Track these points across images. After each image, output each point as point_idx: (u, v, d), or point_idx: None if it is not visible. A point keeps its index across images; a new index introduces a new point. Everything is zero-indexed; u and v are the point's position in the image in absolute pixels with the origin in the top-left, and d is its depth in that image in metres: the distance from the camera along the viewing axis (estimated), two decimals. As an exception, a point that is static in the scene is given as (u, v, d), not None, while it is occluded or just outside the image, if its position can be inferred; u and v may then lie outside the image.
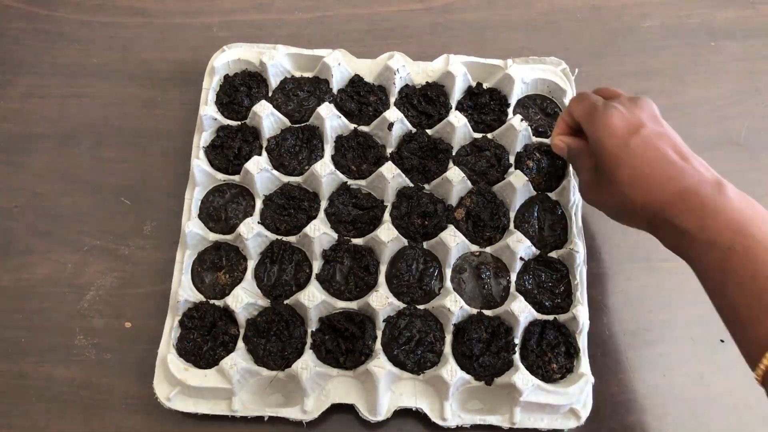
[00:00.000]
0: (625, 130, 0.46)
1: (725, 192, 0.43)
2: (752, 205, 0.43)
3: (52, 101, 0.65)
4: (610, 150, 0.46)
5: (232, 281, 0.56)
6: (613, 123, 0.47)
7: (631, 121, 0.47)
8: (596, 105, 0.49)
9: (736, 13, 0.69)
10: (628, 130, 0.46)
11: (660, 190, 0.44)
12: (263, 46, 0.63)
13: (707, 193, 0.43)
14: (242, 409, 0.51)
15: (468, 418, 0.51)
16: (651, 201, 0.44)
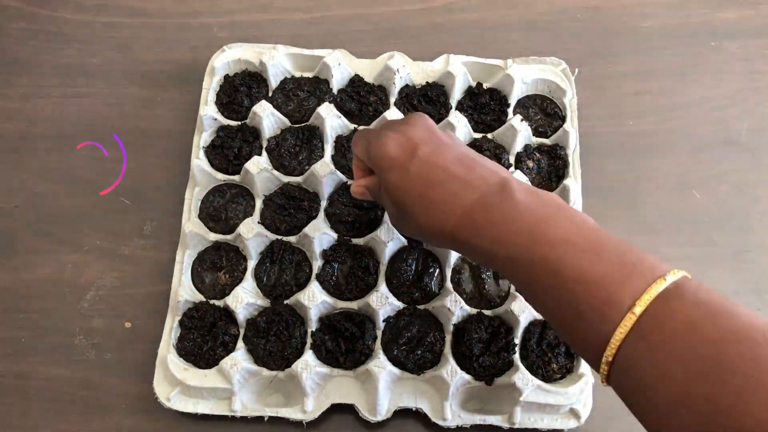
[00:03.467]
0: (402, 157, 0.42)
1: (511, 194, 0.40)
2: (542, 203, 0.40)
3: (52, 101, 0.65)
4: (394, 182, 0.42)
5: (232, 281, 0.56)
6: (387, 153, 0.43)
7: (406, 144, 0.43)
8: (369, 138, 0.45)
9: (736, 13, 0.69)
10: (404, 155, 0.42)
11: (449, 212, 0.41)
12: (263, 46, 0.63)
13: (493, 203, 0.40)
14: (242, 409, 0.51)
15: (468, 418, 0.51)
16: (443, 226, 0.41)
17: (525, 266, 0.38)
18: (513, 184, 0.40)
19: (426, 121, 0.45)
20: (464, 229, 0.40)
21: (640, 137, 0.64)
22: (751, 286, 0.58)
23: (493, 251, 0.39)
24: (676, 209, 0.61)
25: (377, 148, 0.44)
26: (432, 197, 0.41)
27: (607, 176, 0.62)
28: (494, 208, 0.40)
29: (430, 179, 0.41)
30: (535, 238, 0.38)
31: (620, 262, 0.36)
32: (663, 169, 0.62)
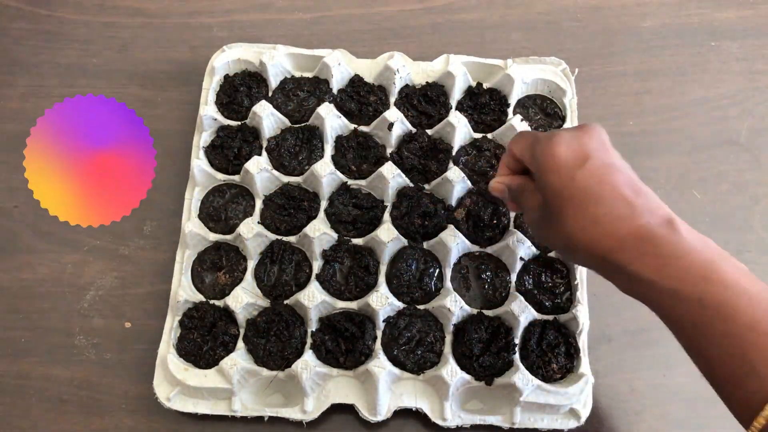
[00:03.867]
0: (570, 162, 0.41)
1: (679, 231, 0.39)
2: (707, 244, 0.39)
3: (52, 101, 0.65)
4: (555, 186, 0.41)
5: (232, 281, 0.56)
6: (557, 154, 0.41)
7: (578, 151, 0.41)
8: (538, 137, 0.44)
9: (736, 13, 0.69)
10: (574, 162, 0.41)
11: (609, 232, 0.39)
12: (263, 46, 0.63)
13: (661, 234, 0.38)
14: (242, 410, 0.51)
15: (468, 418, 0.51)
16: (599, 244, 0.40)
17: (692, 304, 0.37)
18: (679, 222, 0.39)
19: (601, 134, 0.43)
20: (624, 254, 0.39)
21: (640, 137, 0.64)
22: (751, 286, 0.58)
23: (654, 282, 0.38)
24: (676, 209, 0.60)
25: (547, 147, 0.42)
26: (593, 212, 0.40)
27: (607, 176, 0.62)
28: (662, 240, 0.38)
29: (596, 193, 0.40)
30: (707, 276, 0.37)
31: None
32: (663, 169, 0.62)
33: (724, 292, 0.36)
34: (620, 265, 0.39)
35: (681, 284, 0.37)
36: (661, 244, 0.38)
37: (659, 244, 0.38)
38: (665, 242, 0.38)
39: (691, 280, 0.37)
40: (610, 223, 0.39)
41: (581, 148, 0.42)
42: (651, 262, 0.38)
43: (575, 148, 0.41)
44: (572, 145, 0.42)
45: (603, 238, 0.39)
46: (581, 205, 0.40)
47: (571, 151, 0.41)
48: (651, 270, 0.38)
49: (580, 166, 0.41)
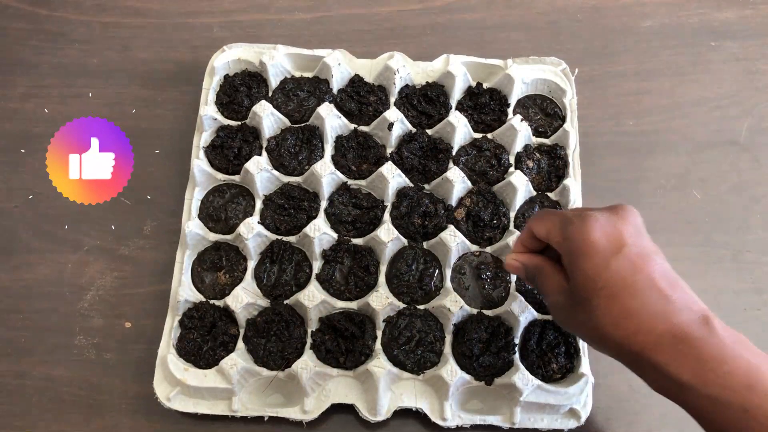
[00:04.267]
0: (606, 248, 0.39)
1: (716, 330, 0.37)
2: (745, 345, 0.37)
3: (52, 101, 0.65)
4: (588, 272, 0.39)
5: (232, 281, 0.56)
6: (592, 239, 0.39)
7: (613, 236, 0.39)
8: (568, 217, 0.42)
9: (736, 13, 0.69)
10: (609, 248, 0.39)
11: (645, 328, 0.38)
12: (263, 46, 0.63)
13: (700, 336, 0.37)
14: (242, 409, 0.51)
15: (468, 418, 0.51)
16: (633, 340, 0.38)
17: (736, 413, 0.35)
18: (716, 320, 0.38)
19: (637, 218, 0.41)
20: (661, 353, 0.37)
21: (640, 137, 0.64)
22: (751, 286, 0.58)
23: (694, 387, 0.36)
24: (676, 209, 0.61)
25: (581, 229, 0.40)
26: (628, 305, 0.38)
27: (607, 176, 0.62)
28: (702, 342, 0.36)
29: (631, 284, 0.38)
30: (751, 384, 0.35)
31: None
32: (663, 169, 0.62)
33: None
34: (656, 365, 0.37)
35: (723, 391, 0.36)
36: (700, 346, 0.37)
37: (698, 346, 0.37)
38: (705, 344, 0.37)
39: (734, 387, 0.35)
40: (646, 318, 0.38)
41: (617, 234, 0.39)
42: (690, 365, 0.36)
43: (610, 233, 0.39)
44: (607, 230, 0.40)
45: (637, 334, 0.38)
46: (615, 296, 0.38)
47: (606, 236, 0.39)
48: (690, 374, 0.36)
49: (615, 253, 0.39)
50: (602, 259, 0.39)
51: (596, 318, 0.39)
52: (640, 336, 0.38)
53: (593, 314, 0.39)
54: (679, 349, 0.37)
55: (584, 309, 0.39)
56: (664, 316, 0.37)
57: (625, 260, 0.39)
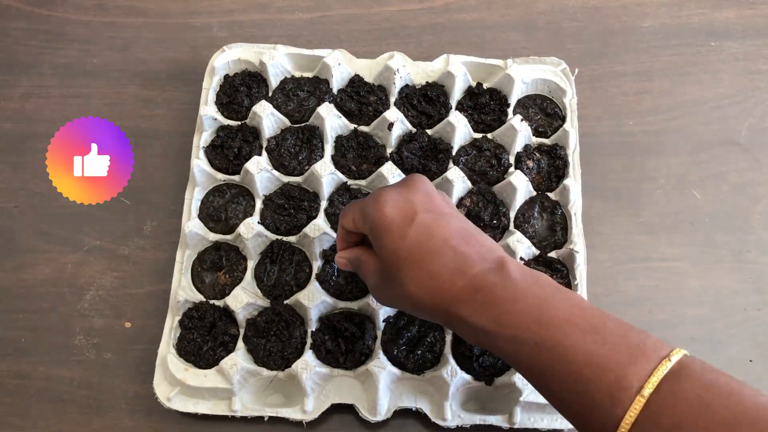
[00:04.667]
0: (400, 221, 0.41)
1: (509, 274, 0.39)
2: (538, 281, 0.39)
3: (52, 101, 0.65)
4: (389, 247, 0.41)
5: (232, 281, 0.56)
6: (385, 215, 0.41)
7: (405, 208, 0.41)
8: (365, 201, 0.43)
9: (736, 13, 0.69)
10: (403, 219, 0.41)
11: (446, 287, 0.39)
12: (263, 46, 0.63)
13: (495, 282, 0.39)
14: (242, 409, 0.51)
15: (468, 418, 0.51)
16: (440, 299, 0.40)
17: (529, 348, 0.37)
18: (510, 264, 0.40)
19: (426, 185, 0.43)
20: (463, 306, 0.39)
21: (640, 137, 0.64)
22: (751, 286, 0.58)
23: (493, 331, 0.38)
24: (676, 209, 0.61)
25: (375, 209, 0.42)
26: (429, 268, 0.40)
27: (607, 176, 0.62)
28: (495, 288, 0.39)
29: (429, 249, 0.40)
30: (538, 318, 0.37)
31: (625, 344, 0.36)
32: (663, 169, 0.62)
33: (555, 333, 0.37)
34: (460, 318, 0.39)
35: (517, 330, 0.38)
36: (494, 292, 0.39)
37: (493, 292, 0.39)
38: (499, 289, 0.39)
39: (525, 324, 0.37)
40: (446, 277, 0.40)
41: (408, 204, 0.42)
42: (487, 312, 0.38)
43: (402, 206, 0.41)
44: (399, 203, 0.42)
45: (442, 293, 0.40)
46: (417, 263, 0.40)
47: (398, 209, 0.41)
48: (488, 320, 0.38)
49: (409, 223, 0.41)
50: (399, 232, 0.41)
51: (406, 287, 0.41)
52: (444, 295, 0.40)
53: (403, 284, 0.41)
54: (477, 298, 0.39)
55: (395, 281, 0.41)
56: (461, 271, 0.39)
57: (419, 228, 0.41)
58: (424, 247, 0.40)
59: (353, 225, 0.45)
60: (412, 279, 0.40)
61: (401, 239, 0.41)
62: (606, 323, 0.37)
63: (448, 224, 0.41)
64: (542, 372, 0.38)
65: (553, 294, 0.39)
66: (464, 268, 0.40)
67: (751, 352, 0.55)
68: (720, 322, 0.56)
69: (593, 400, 0.35)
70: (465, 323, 0.39)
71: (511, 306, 0.38)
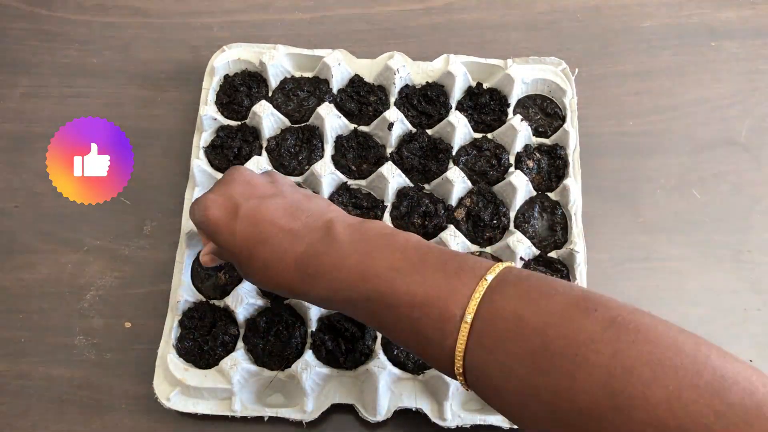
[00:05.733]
0: (225, 218, 0.41)
1: (336, 237, 0.39)
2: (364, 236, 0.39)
3: (52, 101, 0.65)
4: (225, 246, 0.42)
5: (232, 281, 0.56)
6: (210, 217, 0.42)
7: (227, 204, 0.42)
8: (191, 209, 0.44)
9: (736, 13, 0.69)
10: (228, 216, 0.41)
11: (282, 269, 0.40)
12: (263, 46, 0.63)
13: (323, 251, 0.39)
14: (242, 410, 0.51)
15: (468, 418, 0.51)
16: (281, 282, 0.40)
17: (362, 304, 0.38)
18: (336, 226, 0.40)
19: (243, 174, 0.44)
20: (300, 283, 0.39)
21: (640, 137, 0.64)
22: (750, 286, 0.58)
23: (331, 298, 0.39)
24: (676, 209, 0.61)
25: (200, 215, 0.42)
26: (263, 255, 0.40)
27: (607, 176, 0.62)
28: (322, 256, 0.39)
29: (258, 237, 0.40)
30: (363, 274, 0.37)
31: (444, 275, 0.36)
32: (663, 169, 0.62)
33: (380, 284, 0.37)
34: (304, 293, 0.40)
35: (348, 292, 0.38)
36: (321, 259, 0.39)
37: (320, 260, 0.39)
38: (326, 257, 0.39)
39: (353, 285, 0.38)
40: (280, 259, 0.40)
41: (228, 200, 0.42)
42: (320, 282, 0.39)
43: (223, 202, 0.42)
44: (219, 201, 0.42)
45: (279, 276, 0.40)
46: (251, 255, 0.40)
47: (221, 207, 0.42)
48: (323, 289, 0.39)
49: (234, 217, 0.41)
50: (228, 229, 0.41)
51: (252, 276, 0.42)
52: (282, 276, 0.40)
53: (249, 274, 0.42)
54: (309, 272, 0.39)
55: (244, 272, 0.42)
56: (292, 251, 0.40)
57: (244, 219, 0.41)
58: (253, 237, 0.40)
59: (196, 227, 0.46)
60: (253, 270, 0.41)
61: (231, 236, 0.41)
62: (427, 260, 0.37)
63: (271, 205, 0.41)
64: (381, 323, 0.38)
65: (378, 244, 0.39)
66: (293, 246, 0.40)
67: (751, 352, 0.55)
68: (720, 322, 0.56)
69: (427, 338, 0.36)
70: (308, 298, 0.40)
71: (338, 270, 0.38)
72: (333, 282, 0.38)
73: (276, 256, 0.40)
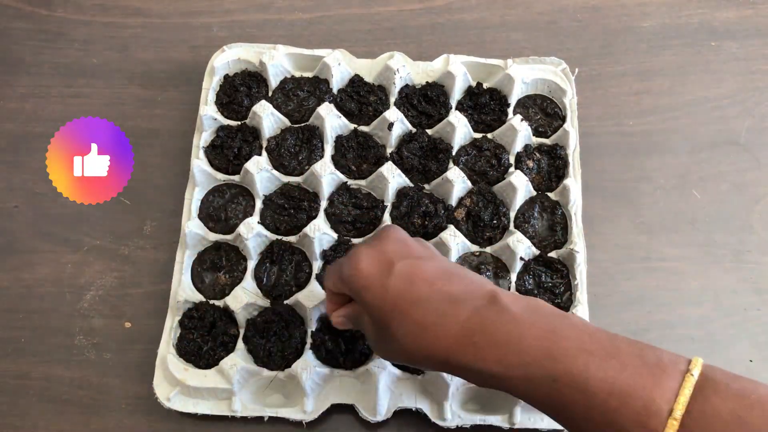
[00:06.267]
0: (378, 275, 0.39)
1: (505, 308, 0.37)
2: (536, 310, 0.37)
3: (52, 101, 0.65)
4: (373, 303, 0.39)
5: (232, 281, 0.56)
6: (362, 271, 0.39)
7: (380, 260, 0.40)
8: (341, 262, 0.42)
9: (736, 13, 0.69)
10: (381, 272, 0.39)
11: (440, 334, 0.37)
12: (263, 46, 0.63)
13: (491, 320, 0.36)
14: (242, 410, 0.51)
15: (468, 418, 0.51)
16: (436, 349, 0.37)
17: (546, 385, 0.35)
18: (503, 296, 0.37)
19: (398, 233, 0.42)
20: (463, 353, 0.37)
21: (640, 137, 0.64)
22: (750, 286, 0.58)
23: (503, 374, 0.36)
24: (676, 209, 0.61)
25: (350, 268, 0.40)
26: (417, 317, 0.38)
27: (607, 176, 0.62)
28: (493, 326, 0.36)
29: (413, 296, 0.38)
30: (549, 352, 0.35)
31: (643, 365, 0.34)
32: (663, 169, 0.62)
33: (572, 366, 0.34)
34: (464, 366, 0.37)
35: (529, 369, 0.35)
36: (493, 331, 0.36)
37: (491, 331, 0.36)
38: (497, 328, 0.36)
39: (536, 362, 0.35)
40: (438, 324, 0.37)
41: (383, 256, 0.40)
42: (491, 354, 0.36)
43: (376, 258, 0.40)
44: (373, 256, 0.40)
45: (436, 342, 0.37)
46: (404, 314, 0.38)
47: (374, 262, 0.40)
48: (495, 363, 0.36)
49: (387, 274, 0.39)
50: (379, 286, 0.39)
51: (399, 341, 0.38)
52: (439, 344, 0.37)
53: (395, 338, 0.39)
54: (476, 342, 0.36)
55: (388, 337, 0.39)
56: (453, 314, 0.37)
57: (399, 276, 0.39)
58: (408, 295, 0.38)
59: (335, 287, 0.44)
60: (403, 333, 0.38)
61: (383, 292, 0.39)
62: (619, 345, 0.35)
63: (428, 267, 0.39)
64: (565, 408, 0.35)
65: (559, 322, 0.36)
66: (455, 310, 0.37)
67: (751, 352, 0.55)
68: (720, 322, 0.56)
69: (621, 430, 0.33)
70: (470, 370, 0.37)
71: (517, 344, 0.36)
72: (509, 356, 0.36)
73: (433, 319, 0.37)
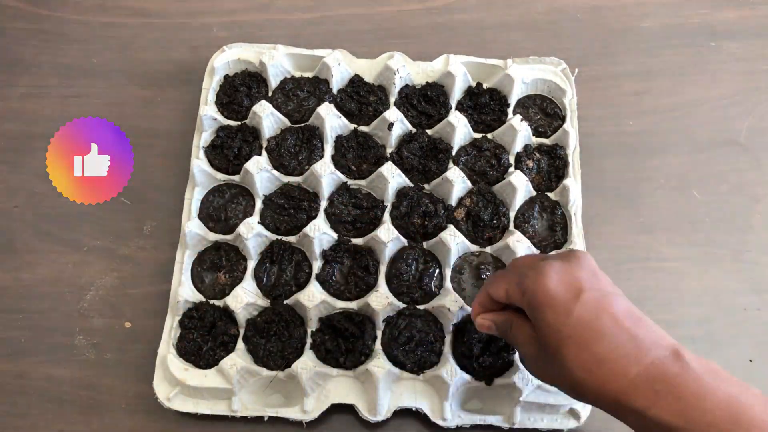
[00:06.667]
0: (565, 296, 0.38)
1: (689, 364, 0.36)
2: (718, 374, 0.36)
3: (52, 101, 0.65)
4: (551, 323, 0.38)
5: (232, 281, 0.56)
6: (549, 288, 0.39)
7: (570, 283, 0.39)
8: (523, 272, 0.41)
9: (736, 13, 0.69)
10: (568, 295, 0.38)
11: (618, 372, 0.36)
12: (263, 46, 0.63)
13: (675, 373, 0.36)
14: (242, 409, 0.51)
15: (468, 418, 0.51)
16: (609, 387, 0.37)
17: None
18: (686, 352, 0.37)
19: (590, 261, 0.41)
20: (639, 397, 0.36)
21: (640, 137, 0.64)
22: (750, 286, 0.58)
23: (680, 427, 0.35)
24: (676, 209, 0.61)
25: (536, 282, 0.39)
26: (597, 350, 0.37)
27: (607, 176, 0.62)
28: (678, 379, 0.35)
29: (597, 328, 0.37)
30: (736, 417, 0.34)
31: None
32: (663, 169, 0.62)
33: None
34: (636, 410, 0.36)
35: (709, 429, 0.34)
36: (677, 383, 0.36)
37: (675, 383, 0.36)
38: (681, 381, 0.36)
39: (718, 423, 0.34)
40: (617, 362, 0.37)
41: (573, 280, 0.39)
42: (671, 405, 0.35)
43: (567, 280, 0.39)
44: (564, 277, 0.39)
45: (612, 379, 0.37)
46: (582, 344, 0.37)
47: (563, 284, 0.39)
48: (673, 415, 0.35)
49: (575, 299, 0.38)
50: (564, 308, 0.38)
51: (568, 368, 0.38)
52: (614, 381, 0.37)
53: (564, 364, 0.38)
54: (657, 390, 0.36)
55: (555, 360, 0.39)
56: (636, 357, 0.37)
57: (587, 305, 0.38)
58: (591, 326, 0.37)
59: (505, 296, 0.42)
60: (576, 361, 0.37)
61: (566, 316, 0.38)
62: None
63: (618, 304, 0.38)
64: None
65: (743, 389, 0.36)
66: (638, 354, 0.36)
67: (751, 352, 0.55)
68: (720, 322, 0.56)
69: None
70: (641, 416, 0.36)
71: (701, 402, 0.35)
72: (690, 412, 0.35)
73: (614, 356, 0.37)
